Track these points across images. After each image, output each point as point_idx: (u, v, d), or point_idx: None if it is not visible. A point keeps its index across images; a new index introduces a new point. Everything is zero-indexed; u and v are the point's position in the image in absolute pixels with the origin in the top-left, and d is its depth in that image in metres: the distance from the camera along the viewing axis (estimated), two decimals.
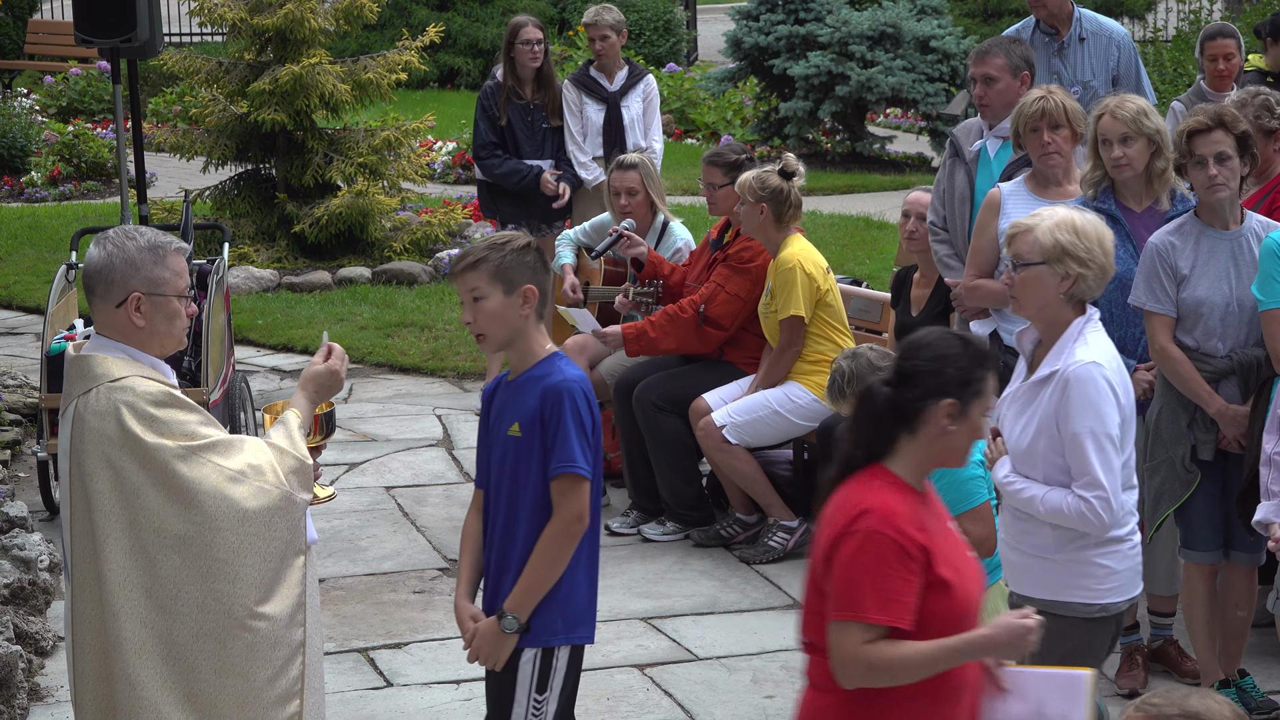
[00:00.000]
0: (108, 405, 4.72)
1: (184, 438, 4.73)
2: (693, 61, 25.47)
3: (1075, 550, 5.28)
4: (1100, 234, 5.31)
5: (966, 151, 7.97)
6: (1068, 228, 5.25)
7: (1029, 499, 5.26)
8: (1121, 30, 9.55)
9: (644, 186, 9.35)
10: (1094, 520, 5.18)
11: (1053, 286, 5.24)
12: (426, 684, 7.20)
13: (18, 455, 9.90)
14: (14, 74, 23.45)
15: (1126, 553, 5.33)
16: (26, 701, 6.90)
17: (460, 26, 24.25)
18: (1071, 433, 5.17)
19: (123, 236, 4.85)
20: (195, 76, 14.25)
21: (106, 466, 4.72)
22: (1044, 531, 5.29)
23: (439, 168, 17.99)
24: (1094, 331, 5.29)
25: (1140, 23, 24.80)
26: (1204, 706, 3.25)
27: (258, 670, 4.81)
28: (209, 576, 4.75)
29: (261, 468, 4.81)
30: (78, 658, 4.82)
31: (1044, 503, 5.23)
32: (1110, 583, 5.29)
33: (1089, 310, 5.31)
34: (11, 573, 7.58)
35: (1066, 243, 5.23)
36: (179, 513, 4.72)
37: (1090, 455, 5.16)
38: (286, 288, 13.60)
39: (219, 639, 4.77)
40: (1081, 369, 5.18)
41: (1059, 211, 5.34)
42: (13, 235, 15.11)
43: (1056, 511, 5.21)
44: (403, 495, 9.35)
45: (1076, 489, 5.20)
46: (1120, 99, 6.94)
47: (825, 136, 18.97)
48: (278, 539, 4.81)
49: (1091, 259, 5.25)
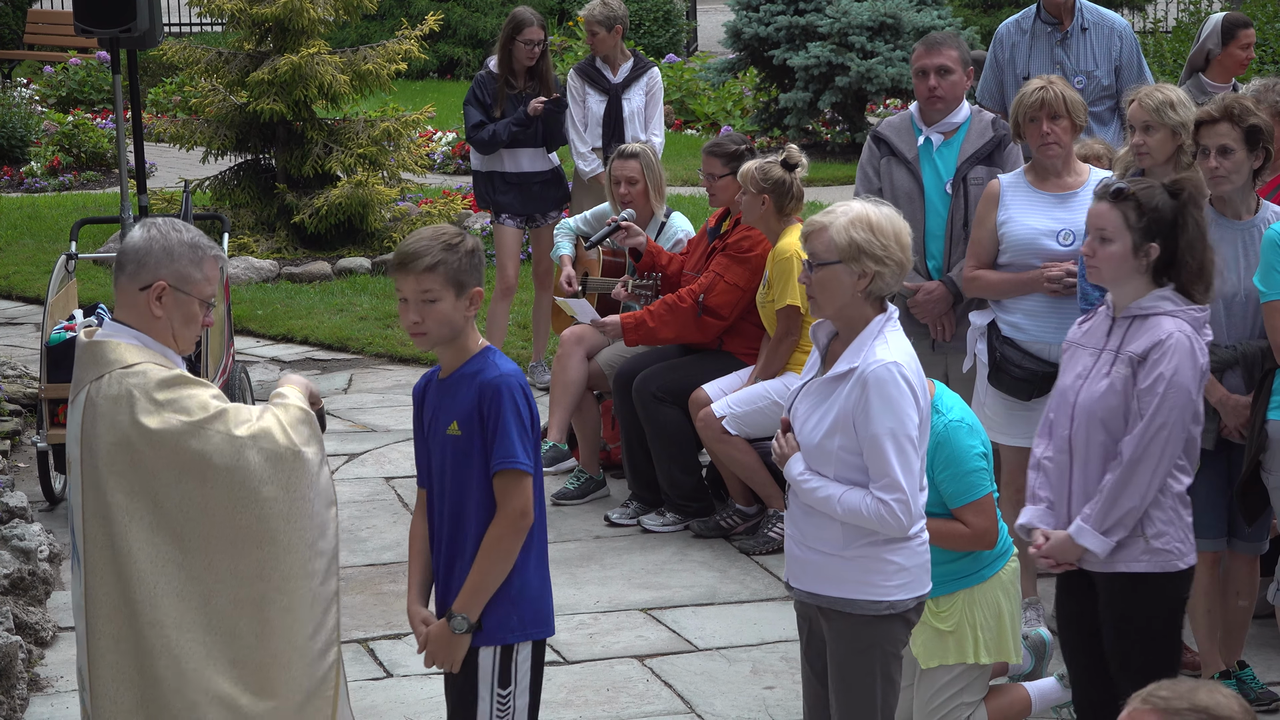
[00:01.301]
0: (120, 390, 4.74)
1: (198, 409, 4.76)
2: (692, 52, 25.46)
3: (864, 547, 5.11)
4: (897, 229, 5.11)
5: (900, 148, 7.88)
6: (863, 225, 5.06)
7: (826, 498, 5.09)
8: (1123, 21, 9.55)
9: (644, 176, 9.34)
10: (892, 522, 5.03)
11: (850, 285, 5.06)
12: (426, 674, 7.18)
13: (17, 446, 9.90)
14: (14, 64, 23.45)
15: (915, 549, 5.16)
16: (26, 692, 6.90)
17: (459, 16, 24.24)
18: (871, 433, 5.02)
19: (169, 226, 4.88)
20: (195, 66, 14.24)
21: (122, 450, 4.73)
22: (833, 528, 5.13)
23: (438, 158, 17.98)
24: (893, 330, 5.13)
25: (1140, 14, 24.79)
26: (1213, 700, 3.23)
27: (298, 629, 4.84)
28: (237, 543, 4.78)
29: (270, 430, 4.83)
30: (94, 644, 4.80)
31: (842, 503, 5.07)
32: (899, 579, 5.12)
33: (889, 308, 5.14)
34: (11, 563, 7.57)
35: (862, 240, 5.04)
36: (195, 488, 4.75)
37: (890, 457, 5.00)
38: (286, 278, 13.60)
39: (257, 604, 4.80)
40: (881, 368, 5.01)
41: (854, 207, 5.14)
42: (12, 225, 15.10)
43: (854, 512, 5.05)
44: (402, 486, 9.34)
45: (875, 490, 5.03)
46: (1151, 88, 6.96)
47: (825, 127, 18.96)
48: (298, 497, 4.82)
49: (888, 255, 5.06)
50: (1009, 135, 7.83)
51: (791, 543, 5.28)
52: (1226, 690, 3.27)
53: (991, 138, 7.84)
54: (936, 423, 5.82)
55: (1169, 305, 5.47)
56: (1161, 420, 5.38)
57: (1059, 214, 7.28)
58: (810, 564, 5.20)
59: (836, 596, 5.15)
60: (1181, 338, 5.41)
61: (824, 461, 5.11)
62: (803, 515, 5.21)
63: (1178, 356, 5.39)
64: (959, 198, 7.75)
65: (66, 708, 6.88)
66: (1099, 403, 5.47)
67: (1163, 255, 5.47)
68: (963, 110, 7.90)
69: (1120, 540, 5.47)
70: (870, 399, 5.01)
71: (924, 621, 5.97)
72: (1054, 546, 5.54)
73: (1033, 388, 7.23)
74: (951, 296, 7.72)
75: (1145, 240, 5.45)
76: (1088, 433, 5.50)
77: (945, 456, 5.81)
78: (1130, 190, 5.47)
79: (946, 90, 7.81)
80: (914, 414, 5.05)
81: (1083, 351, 5.60)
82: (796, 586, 5.27)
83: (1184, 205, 5.46)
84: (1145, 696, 3.25)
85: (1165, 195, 5.48)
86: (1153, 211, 5.45)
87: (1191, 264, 5.47)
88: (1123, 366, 5.45)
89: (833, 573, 5.15)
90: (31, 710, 6.86)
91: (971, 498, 5.85)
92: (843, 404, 5.06)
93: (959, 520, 5.88)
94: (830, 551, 5.14)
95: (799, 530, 5.23)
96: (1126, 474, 5.42)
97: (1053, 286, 7.17)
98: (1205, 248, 5.51)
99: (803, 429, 5.18)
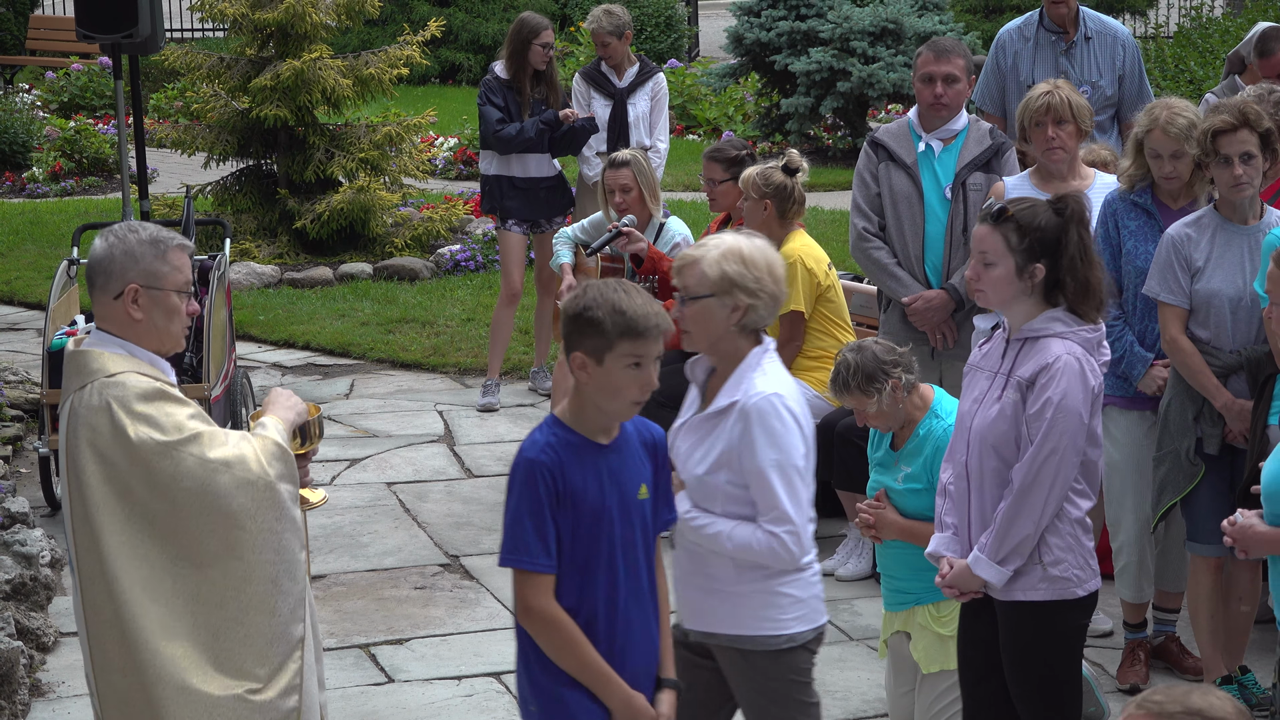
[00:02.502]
0: (100, 401, 4.72)
1: (173, 430, 4.72)
2: (694, 57, 25.49)
3: (757, 581, 5.05)
4: (769, 261, 5.05)
5: (899, 154, 7.89)
6: (735, 258, 5.00)
7: (715, 535, 5.02)
8: (1124, 29, 9.55)
9: (637, 183, 9.34)
10: (784, 555, 4.98)
11: (723, 319, 5.00)
12: (428, 680, 7.19)
13: (19, 451, 9.91)
14: (16, 69, 23.46)
15: (809, 580, 5.11)
16: (28, 697, 6.90)
17: (461, 22, 24.25)
18: (756, 467, 4.96)
19: (125, 230, 4.86)
20: (197, 72, 14.25)
21: (99, 461, 4.72)
22: (723, 564, 5.06)
23: (440, 163, 17.99)
24: (771, 361, 5.07)
25: (1142, 19, 24.81)
26: (1206, 703, 3.24)
27: (251, 667, 4.80)
28: (202, 567, 4.76)
29: (245, 458, 4.79)
30: (94, 649, 4.81)
31: (731, 539, 5.00)
32: (795, 611, 5.07)
33: (765, 340, 5.09)
34: (13, 568, 7.57)
35: (734, 273, 4.98)
36: (165, 507, 4.73)
37: (778, 489, 4.95)
38: (288, 283, 13.60)
39: (214, 632, 4.77)
40: (763, 400, 4.96)
41: (725, 240, 5.07)
42: (14, 231, 15.11)
43: (745, 547, 4.99)
44: (404, 491, 9.34)
45: (764, 524, 4.98)
46: (1170, 113, 6.83)
47: (827, 132, 18.98)
48: (265, 528, 4.79)
49: (761, 288, 5.00)
50: (1007, 143, 7.85)
51: (680, 584, 5.19)
52: (1221, 693, 3.27)
53: (990, 145, 7.85)
54: (936, 427, 5.82)
55: (1060, 327, 5.26)
56: (1051, 446, 5.19)
57: None
58: (703, 604, 5.12)
59: (734, 634, 5.09)
60: (1070, 360, 5.21)
61: (710, 498, 5.05)
62: (687, 555, 5.14)
63: (1066, 379, 5.19)
64: (958, 203, 7.76)
65: (68, 713, 6.88)
66: (990, 428, 5.29)
67: (1050, 275, 5.26)
68: (961, 117, 7.91)
69: (1018, 568, 5.30)
70: (754, 432, 4.95)
71: (925, 627, 5.97)
72: (954, 577, 5.40)
73: None
74: (953, 304, 7.72)
75: (1029, 261, 5.22)
76: (981, 459, 5.33)
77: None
78: (1010, 211, 5.27)
79: (952, 99, 7.83)
80: (799, 444, 4.99)
81: (980, 375, 5.42)
82: (691, 627, 5.19)
83: (1068, 223, 5.25)
84: (1139, 702, 3.26)
85: (1049, 214, 5.27)
86: (1035, 232, 5.23)
87: (1078, 283, 5.25)
88: (1012, 391, 5.26)
89: (727, 611, 5.09)
90: (33, 716, 6.86)
91: None
92: (726, 439, 5.00)
93: None
94: (723, 589, 5.08)
95: (685, 570, 5.16)
96: (1018, 502, 5.23)
97: None
98: (1090, 266, 5.27)
99: (685, 466, 5.10)
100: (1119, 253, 6.96)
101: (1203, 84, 14.80)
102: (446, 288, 13.30)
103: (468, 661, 7.33)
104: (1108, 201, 7.03)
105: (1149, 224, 6.92)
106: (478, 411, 10.65)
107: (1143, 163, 6.93)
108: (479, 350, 11.56)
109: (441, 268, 13.86)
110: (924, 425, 5.86)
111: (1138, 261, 6.88)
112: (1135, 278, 6.87)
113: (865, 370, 5.82)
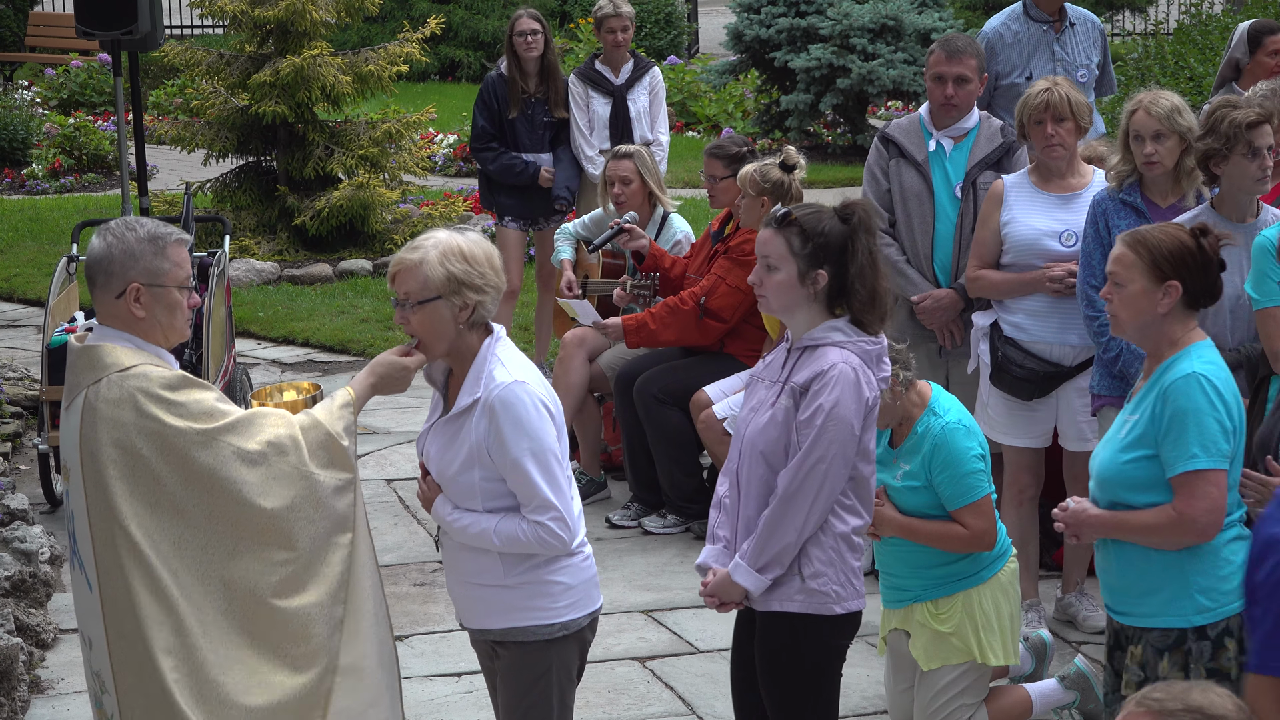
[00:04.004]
0: (121, 393, 4.72)
1: (205, 416, 4.74)
2: (694, 54, 25.48)
3: (526, 572, 5.03)
4: (488, 253, 5.02)
5: (911, 151, 7.88)
6: (456, 256, 4.95)
7: (481, 532, 5.00)
8: (1093, 14, 9.62)
9: (639, 176, 9.33)
10: (553, 541, 4.96)
11: (452, 319, 4.97)
12: (427, 676, 7.20)
13: (19, 448, 9.91)
14: (15, 66, 23.46)
15: (580, 566, 5.08)
16: (27, 694, 6.90)
17: (461, 19, 24.25)
18: (510, 459, 4.93)
19: (123, 227, 4.86)
20: (196, 69, 14.25)
21: (124, 454, 4.72)
22: (491, 559, 5.05)
23: (440, 160, 18.00)
24: (505, 348, 5.04)
25: (1142, 15, 24.80)
26: (1207, 700, 3.24)
27: (290, 646, 4.83)
28: (234, 555, 4.78)
29: (283, 445, 4.81)
30: (115, 647, 4.79)
31: (498, 533, 4.98)
32: (567, 599, 5.05)
33: (495, 329, 5.05)
34: (12, 565, 7.58)
35: (460, 272, 4.94)
36: (199, 496, 4.74)
37: (535, 477, 4.92)
38: (287, 280, 13.60)
39: (248, 616, 4.79)
40: (505, 391, 4.92)
41: (440, 237, 5.00)
42: (14, 228, 15.11)
43: (512, 540, 4.97)
44: (403, 488, 9.35)
45: (528, 514, 4.96)
46: (1154, 95, 6.89)
47: (826, 129, 18.97)
48: (300, 519, 4.82)
49: (486, 283, 4.97)
50: (1017, 142, 7.84)
51: (453, 583, 5.20)
52: (1221, 690, 3.27)
53: (1001, 144, 7.84)
54: (934, 425, 5.83)
55: (839, 336, 5.16)
56: (819, 454, 5.04)
57: (1061, 215, 7.30)
58: (477, 600, 5.12)
59: (508, 627, 5.08)
60: (846, 369, 5.10)
61: (468, 496, 5.02)
62: (457, 552, 5.12)
63: (840, 388, 5.05)
64: (968, 202, 7.76)
65: (68, 710, 6.88)
66: (761, 435, 5.17)
67: (834, 283, 5.15)
68: (973, 116, 7.90)
69: (777, 578, 5.15)
70: (501, 424, 4.91)
71: (924, 624, 5.98)
72: (715, 585, 5.25)
73: (1034, 388, 7.25)
74: (962, 303, 7.72)
75: (811, 267, 5.09)
76: (750, 467, 5.21)
77: (943, 459, 5.81)
78: (794, 216, 5.19)
79: (962, 99, 7.82)
80: (549, 428, 4.95)
81: (761, 384, 5.31)
82: (468, 626, 5.20)
83: (854, 230, 5.15)
84: (1139, 699, 3.26)
85: (833, 220, 5.17)
86: (818, 237, 5.14)
87: (863, 292, 5.15)
88: (786, 398, 5.13)
89: (499, 604, 5.07)
90: (32, 712, 6.87)
91: (970, 499, 5.84)
92: (474, 435, 4.96)
93: (957, 522, 5.88)
94: (493, 583, 5.06)
95: (459, 569, 5.14)
96: (780, 509, 5.08)
97: (1054, 286, 7.18)
98: (878, 276, 5.18)
99: (439, 469, 5.07)
100: (1109, 252, 6.95)
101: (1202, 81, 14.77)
102: None
103: (467, 658, 7.32)
104: (1097, 201, 7.02)
105: (1139, 223, 6.90)
106: None
107: (1130, 157, 6.93)
108: None
109: None
110: (922, 422, 5.86)
111: None
112: None
113: None
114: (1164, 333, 5.06)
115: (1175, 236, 5.07)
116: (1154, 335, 5.07)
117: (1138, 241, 5.09)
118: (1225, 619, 5.00)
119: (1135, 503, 5.03)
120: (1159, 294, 5.03)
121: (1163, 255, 5.04)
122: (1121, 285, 5.07)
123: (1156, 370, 5.06)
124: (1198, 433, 4.93)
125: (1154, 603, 5.06)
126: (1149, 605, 5.07)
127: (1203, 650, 4.99)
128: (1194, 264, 5.05)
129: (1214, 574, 5.01)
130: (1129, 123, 6.90)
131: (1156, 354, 5.08)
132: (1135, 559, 5.07)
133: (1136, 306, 5.06)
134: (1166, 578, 5.03)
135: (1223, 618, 5.00)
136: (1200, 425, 4.93)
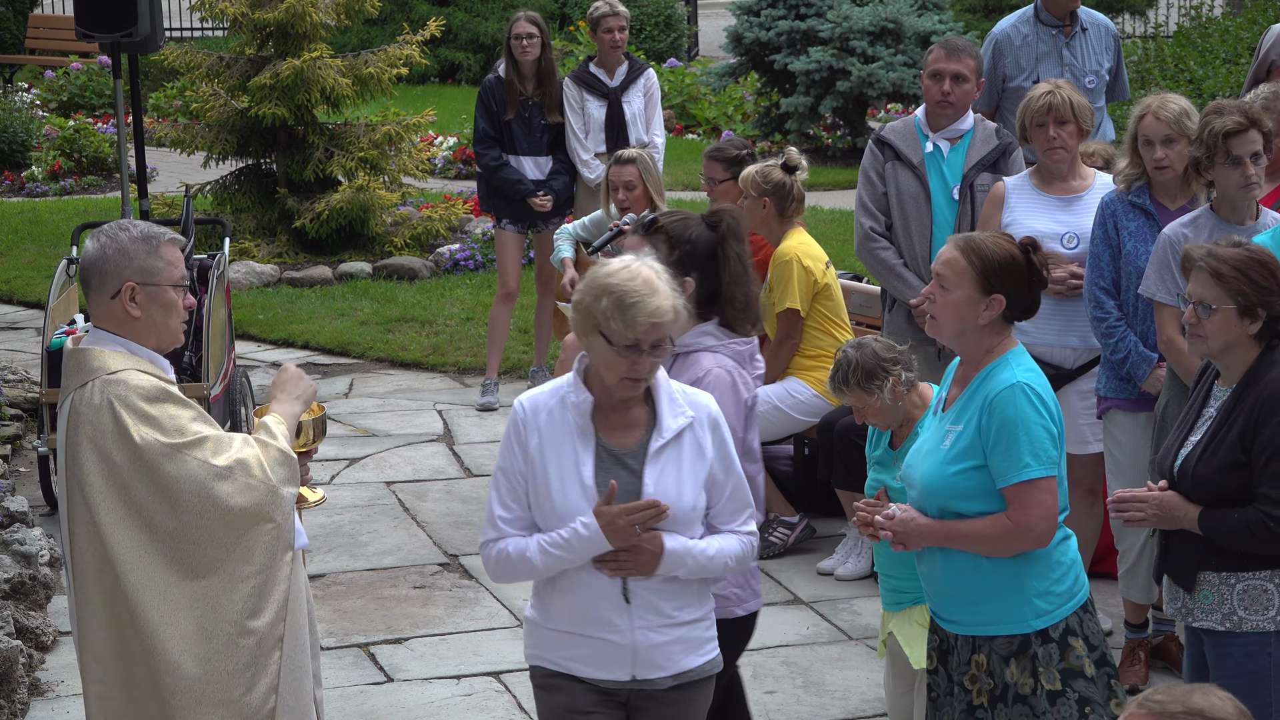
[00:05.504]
0: (101, 399, 4.72)
1: (175, 433, 4.71)
2: (694, 57, 25.48)
3: (710, 597, 4.91)
4: None
5: (906, 153, 7.88)
6: None
7: (718, 554, 4.84)
8: (1107, 19, 9.58)
9: (642, 181, 9.33)
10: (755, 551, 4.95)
11: None
12: (427, 679, 7.19)
13: (19, 450, 9.90)
14: (15, 68, 23.45)
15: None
16: (27, 696, 6.90)
17: (461, 21, 24.24)
18: (736, 470, 4.84)
19: (116, 229, 4.86)
20: (196, 71, 14.26)
21: (100, 460, 4.71)
22: (690, 592, 4.86)
23: (439, 163, 17.99)
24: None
25: (1142, 18, 24.80)
26: (1207, 703, 3.24)
27: (231, 682, 4.78)
28: (197, 573, 4.74)
29: (248, 463, 4.78)
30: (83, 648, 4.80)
31: (727, 554, 4.84)
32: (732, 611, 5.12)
33: None
34: (12, 568, 7.57)
35: None
36: (166, 510, 4.72)
37: (746, 484, 4.87)
38: (287, 283, 13.60)
39: (208, 635, 4.76)
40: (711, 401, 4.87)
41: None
42: (13, 230, 15.11)
43: (742, 558, 4.89)
44: (403, 490, 9.34)
45: (739, 526, 4.86)
46: (1162, 99, 6.89)
47: (826, 132, 18.98)
48: (265, 535, 4.79)
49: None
50: (1014, 144, 7.84)
51: (639, 634, 4.79)
52: (1221, 693, 3.27)
53: (996, 145, 7.85)
54: None
55: (710, 340, 5.18)
56: None
57: (1063, 217, 7.30)
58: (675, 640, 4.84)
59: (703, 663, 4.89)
60: (721, 373, 5.13)
61: (692, 524, 4.81)
62: (656, 597, 4.80)
63: (716, 393, 5.01)
64: (966, 204, 7.76)
65: (67, 712, 6.88)
66: None
67: (705, 289, 5.15)
68: (968, 117, 7.91)
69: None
70: (725, 437, 4.82)
71: (922, 624, 5.96)
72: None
73: None
74: None
75: (680, 275, 4.99)
76: None
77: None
78: (661, 223, 5.19)
79: (959, 98, 7.82)
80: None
81: None
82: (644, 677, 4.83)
83: (723, 238, 5.16)
84: (1140, 701, 3.26)
85: (701, 228, 5.19)
86: (685, 245, 5.15)
87: (738, 298, 5.17)
88: None
89: (693, 640, 4.85)
90: (32, 715, 6.86)
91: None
92: (707, 454, 4.80)
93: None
94: (691, 619, 4.83)
95: (656, 612, 4.80)
96: None
97: (1056, 289, 7.17)
98: (750, 280, 5.19)
99: (673, 501, 4.78)
100: (1118, 254, 6.96)
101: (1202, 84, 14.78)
102: (446, 287, 13.30)
103: (467, 661, 7.33)
104: (1105, 203, 7.02)
105: (1148, 224, 6.91)
106: (477, 411, 10.65)
107: (1139, 161, 6.93)
108: (478, 349, 11.55)
109: (441, 267, 13.86)
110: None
111: (1138, 262, 6.86)
112: (1136, 279, 6.86)
113: (865, 367, 5.82)
114: (981, 342, 5.06)
115: (1007, 249, 5.04)
116: (971, 343, 5.07)
117: (971, 248, 5.05)
118: (1064, 619, 5.01)
119: (965, 511, 5.02)
120: (982, 305, 5.01)
121: (993, 267, 5.00)
122: (947, 290, 5.04)
123: (975, 379, 5.05)
124: (1028, 442, 4.93)
125: (988, 610, 5.04)
126: (983, 613, 5.06)
127: (1050, 653, 4.99)
128: (1021, 279, 5.04)
129: (1049, 577, 5.02)
130: (1137, 127, 6.89)
131: (972, 361, 5.08)
132: (965, 567, 5.04)
133: (958, 313, 5.04)
134: (1000, 585, 5.01)
135: (1061, 618, 5.01)
136: (1030, 435, 4.94)
